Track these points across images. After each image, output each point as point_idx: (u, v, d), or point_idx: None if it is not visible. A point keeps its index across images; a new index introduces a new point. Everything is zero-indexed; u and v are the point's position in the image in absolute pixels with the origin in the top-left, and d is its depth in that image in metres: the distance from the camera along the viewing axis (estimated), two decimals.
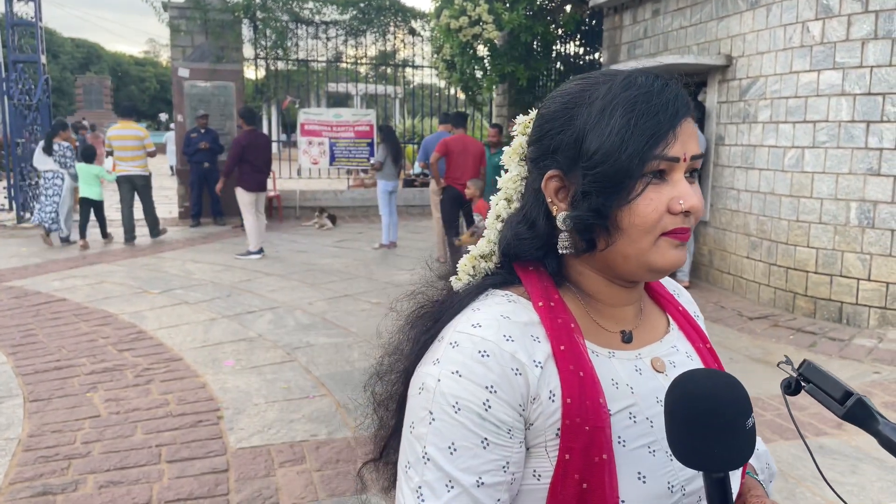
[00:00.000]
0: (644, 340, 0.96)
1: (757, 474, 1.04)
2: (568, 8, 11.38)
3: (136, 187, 9.83)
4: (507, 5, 10.31)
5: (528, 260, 0.93)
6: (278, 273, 7.84)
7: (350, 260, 8.74)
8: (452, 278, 1.00)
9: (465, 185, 7.79)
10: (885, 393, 4.49)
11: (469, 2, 10.11)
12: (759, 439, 1.10)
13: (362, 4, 13.17)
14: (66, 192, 9.71)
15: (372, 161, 11.51)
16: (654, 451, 0.87)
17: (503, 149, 1.07)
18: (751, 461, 1.05)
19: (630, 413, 0.87)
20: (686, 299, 1.12)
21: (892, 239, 5.60)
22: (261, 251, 8.83)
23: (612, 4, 9.25)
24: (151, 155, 10.07)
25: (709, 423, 0.76)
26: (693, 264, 7.65)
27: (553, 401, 0.83)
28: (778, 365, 0.87)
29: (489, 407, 0.81)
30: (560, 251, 0.90)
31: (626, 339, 0.94)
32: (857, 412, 0.77)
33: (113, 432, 3.78)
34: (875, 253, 5.69)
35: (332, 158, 12.28)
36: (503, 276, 0.95)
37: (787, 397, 0.85)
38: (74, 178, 9.86)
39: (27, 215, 11.40)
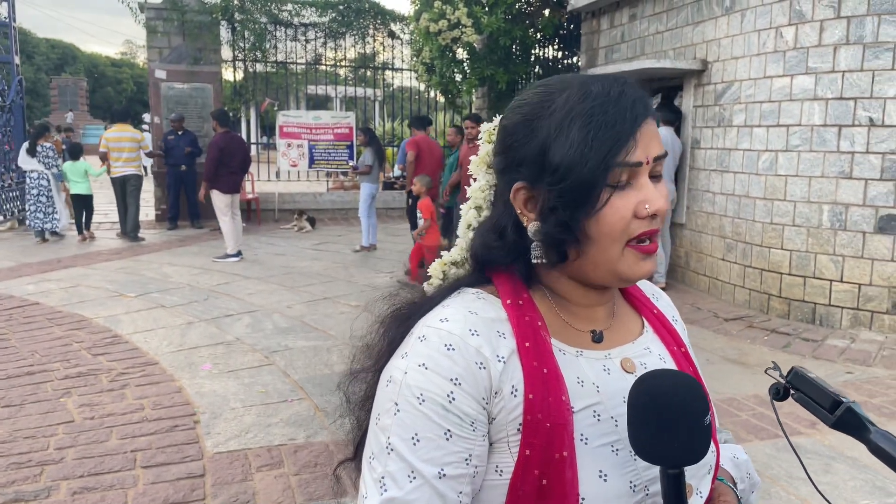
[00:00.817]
0: (615, 341, 0.96)
1: (736, 484, 1.05)
2: (546, 12, 11.44)
3: (127, 187, 10.29)
4: (486, 9, 10.35)
5: (500, 266, 0.94)
6: (257, 276, 7.79)
7: (329, 262, 8.71)
8: (425, 283, 1.01)
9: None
10: (858, 392, 4.56)
11: (448, 5, 10.13)
12: (740, 448, 1.11)
13: (341, 7, 13.15)
14: (55, 189, 10.12)
15: (354, 164, 11.46)
16: (617, 450, 0.88)
17: (458, 148, 1.08)
18: (730, 470, 1.06)
19: (594, 411, 0.88)
20: (665, 303, 1.13)
21: (864, 241, 5.70)
22: (239, 254, 8.76)
23: (589, 9, 9.32)
24: (149, 156, 11.11)
25: (667, 417, 0.78)
26: (670, 266, 7.72)
27: (515, 396, 0.84)
28: (766, 371, 0.89)
29: (453, 399, 0.82)
30: (533, 261, 0.91)
31: (597, 338, 0.94)
32: (847, 420, 0.77)
33: (87, 438, 3.73)
34: (847, 255, 5.78)
35: (312, 161, 12.23)
36: (475, 276, 0.96)
37: (774, 402, 0.86)
38: (58, 177, 10.26)
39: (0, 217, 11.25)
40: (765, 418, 4.08)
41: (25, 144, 10.24)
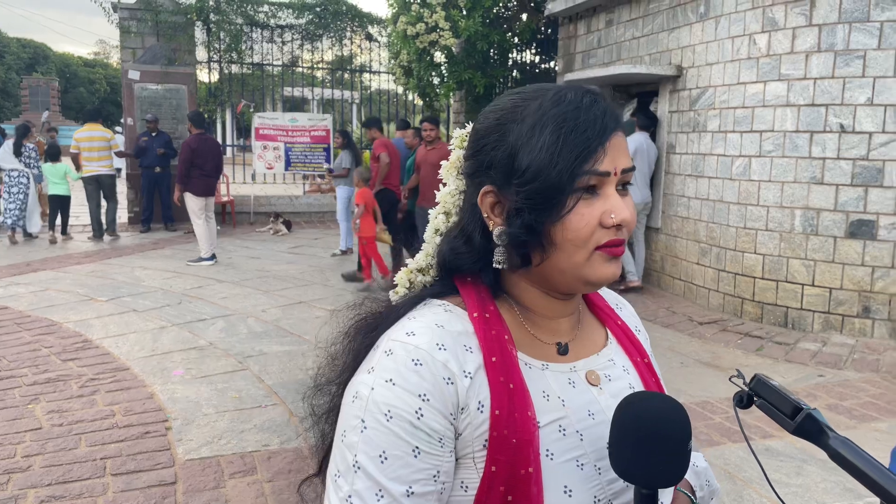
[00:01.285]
0: (580, 353, 0.96)
1: (694, 492, 1.05)
2: (524, 17, 11.49)
3: (102, 186, 10.41)
4: (464, 13, 10.36)
5: (467, 273, 0.94)
6: (231, 280, 7.71)
7: (305, 266, 8.65)
8: (391, 291, 1.00)
9: (398, 188, 8.14)
10: (829, 395, 4.62)
11: (426, 8, 10.13)
12: (700, 456, 1.12)
13: (318, 9, 13.09)
14: (33, 190, 10.26)
15: (329, 167, 11.39)
16: (582, 464, 0.88)
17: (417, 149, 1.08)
18: (690, 478, 1.07)
19: (560, 426, 0.87)
20: (628, 313, 1.13)
21: (835, 246, 5.78)
22: (213, 257, 8.67)
23: (566, 14, 9.37)
24: (119, 155, 11.15)
25: (659, 443, 0.79)
26: (645, 270, 7.78)
27: (481, 412, 0.83)
28: (730, 379, 0.90)
29: (421, 415, 0.81)
30: (495, 265, 0.91)
31: (562, 351, 0.94)
32: (807, 427, 0.78)
33: (55, 445, 3.66)
34: (819, 259, 5.86)
35: (288, 163, 12.16)
36: (441, 286, 0.95)
37: (738, 410, 0.88)
38: (38, 178, 10.52)
39: None
40: (741, 420, 4.11)
41: (9, 144, 10.34)
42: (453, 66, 10.82)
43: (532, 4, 11.41)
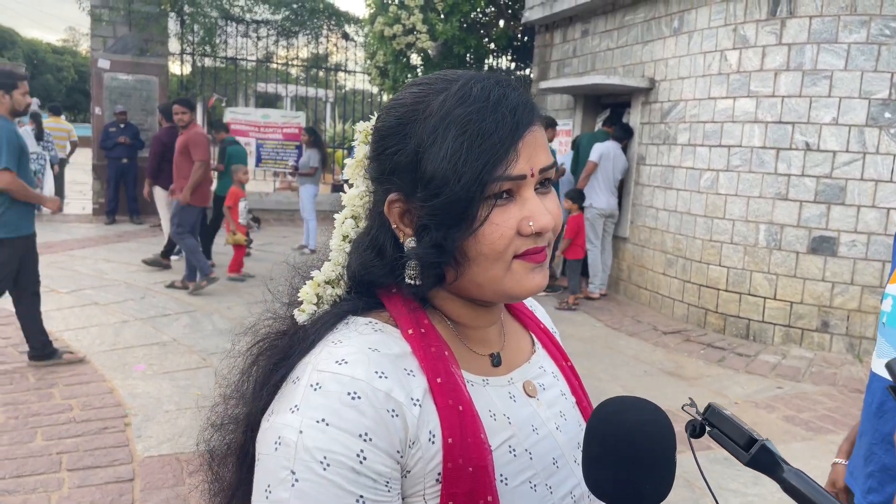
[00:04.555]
0: (513, 363, 0.90)
1: None
2: (501, 23, 11.56)
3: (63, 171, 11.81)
4: (442, 17, 10.39)
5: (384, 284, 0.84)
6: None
7: (272, 264, 8.57)
8: (295, 310, 0.86)
9: None
10: (787, 407, 4.72)
11: (403, 10, 10.13)
12: None
13: (295, 6, 13.01)
14: (49, 173, 10.99)
15: (294, 164, 11.28)
16: (534, 485, 0.81)
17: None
18: None
19: (510, 446, 0.80)
20: (542, 314, 1.06)
21: (797, 260, 5.90)
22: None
23: (543, 22, 9.45)
24: (74, 144, 12.43)
25: (651, 461, 0.73)
26: (611, 278, 7.86)
27: (433, 442, 0.74)
28: (682, 408, 0.84)
29: (364, 459, 0.70)
30: (406, 280, 0.81)
31: (496, 362, 0.87)
32: (761, 459, 0.76)
33: (10, 438, 3.57)
34: (781, 273, 5.98)
35: (259, 160, 12.04)
36: (362, 301, 0.84)
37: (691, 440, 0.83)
38: (54, 159, 11.32)
39: None
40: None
41: (28, 130, 10.69)
42: (429, 69, 10.83)
43: (510, 11, 11.49)
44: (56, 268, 7.55)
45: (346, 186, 0.90)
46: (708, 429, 0.81)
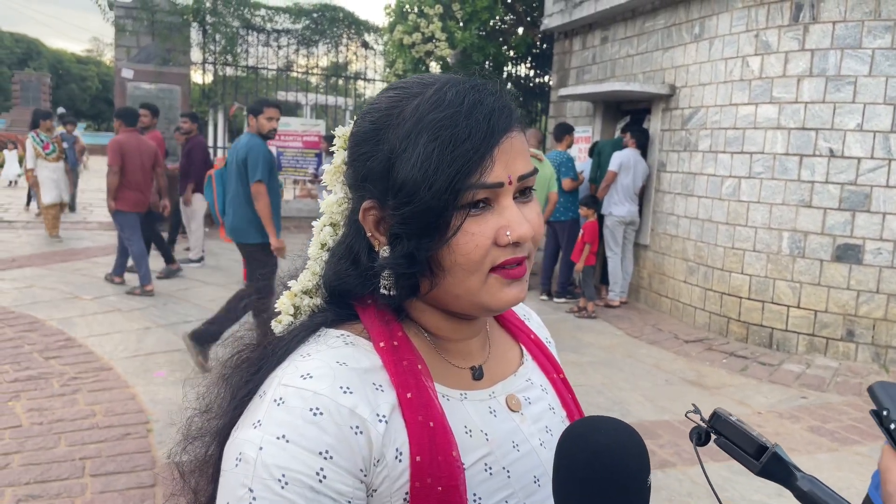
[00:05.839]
0: (497, 375, 0.86)
1: None
2: (520, 31, 11.57)
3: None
4: (461, 24, 10.42)
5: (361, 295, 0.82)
6: (217, 282, 7.67)
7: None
8: (273, 321, 0.84)
9: None
10: (812, 417, 4.65)
11: (423, 18, 10.18)
12: None
13: (315, 15, 13.11)
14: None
15: (314, 172, 11.35)
16: None
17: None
18: None
19: (485, 464, 0.77)
20: (536, 323, 1.03)
21: (821, 268, 5.83)
22: (201, 259, 8.63)
23: (562, 29, 9.44)
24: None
25: (619, 485, 0.69)
26: (632, 286, 7.81)
27: (400, 461, 0.72)
28: (686, 415, 0.81)
29: (324, 477, 0.68)
30: (381, 291, 0.78)
31: (477, 375, 0.84)
32: (773, 468, 0.72)
33: (34, 444, 3.61)
34: (805, 281, 5.91)
35: (279, 167, 12.11)
36: (337, 312, 0.82)
37: (697, 448, 0.79)
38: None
39: None
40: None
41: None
42: None
43: (528, 19, 11.49)
44: (80, 274, 7.64)
45: (324, 193, 0.88)
46: (714, 437, 0.77)
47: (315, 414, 0.69)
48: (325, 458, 0.68)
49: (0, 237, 9.88)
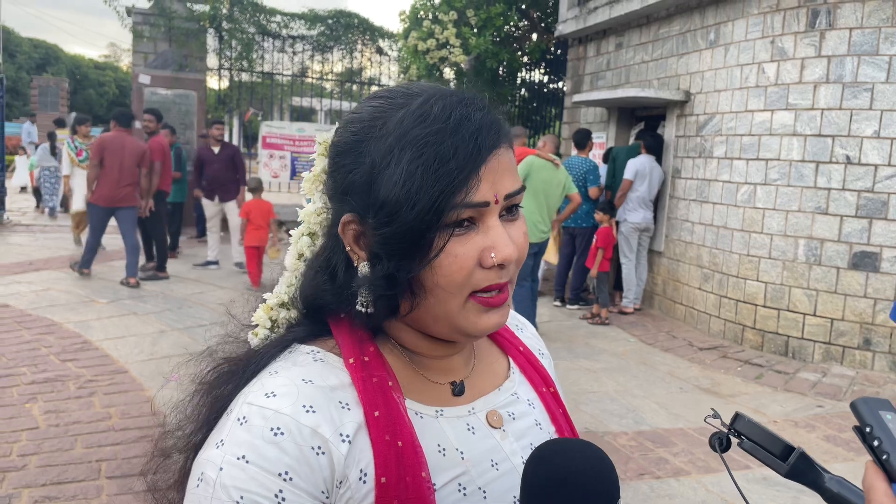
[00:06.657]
0: (479, 390, 0.83)
1: None
2: (534, 36, 11.59)
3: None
4: (475, 31, 10.45)
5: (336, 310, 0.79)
6: (232, 286, 7.71)
7: None
8: (249, 334, 0.83)
9: None
10: (828, 426, 4.60)
11: (437, 25, 10.22)
12: None
13: (330, 21, 13.19)
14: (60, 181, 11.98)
15: None
16: None
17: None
18: None
19: (459, 484, 0.74)
20: (529, 334, 1.00)
21: (838, 276, 5.78)
22: (216, 262, 8.70)
23: (576, 35, 9.44)
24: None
25: None
26: (646, 293, 7.78)
27: (364, 482, 0.69)
28: (705, 420, 0.78)
29: (283, 500, 0.66)
30: (357, 308, 0.76)
31: (458, 391, 0.81)
32: (801, 469, 0.70)
33: (51, 445, 3.65)
34: (821, 289, 5.86)
35: (294, 173, 12.20)
36: (310, 327, 0.80)
37: (722, 454, 0.77)
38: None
39: None
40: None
41: (45, 147, 12.60)
42: (462, 83, 10.89)
43: (542, 25, 11.51)
44: (96, 278, 7.72)
45: (304, 201, 0.86)
46: (736, 441, 0.74)
47: (276, 434, 0.67)
48: (285, 480, 0.66)
49: (17, 241, 9.99)
